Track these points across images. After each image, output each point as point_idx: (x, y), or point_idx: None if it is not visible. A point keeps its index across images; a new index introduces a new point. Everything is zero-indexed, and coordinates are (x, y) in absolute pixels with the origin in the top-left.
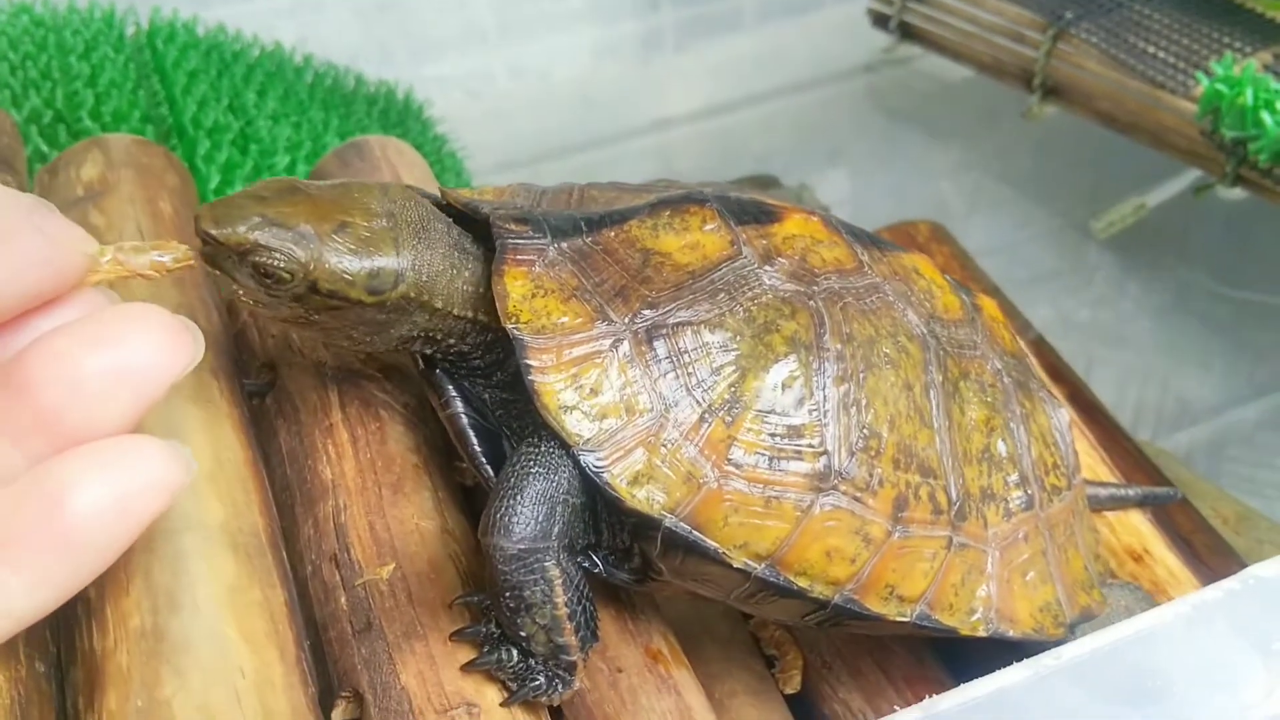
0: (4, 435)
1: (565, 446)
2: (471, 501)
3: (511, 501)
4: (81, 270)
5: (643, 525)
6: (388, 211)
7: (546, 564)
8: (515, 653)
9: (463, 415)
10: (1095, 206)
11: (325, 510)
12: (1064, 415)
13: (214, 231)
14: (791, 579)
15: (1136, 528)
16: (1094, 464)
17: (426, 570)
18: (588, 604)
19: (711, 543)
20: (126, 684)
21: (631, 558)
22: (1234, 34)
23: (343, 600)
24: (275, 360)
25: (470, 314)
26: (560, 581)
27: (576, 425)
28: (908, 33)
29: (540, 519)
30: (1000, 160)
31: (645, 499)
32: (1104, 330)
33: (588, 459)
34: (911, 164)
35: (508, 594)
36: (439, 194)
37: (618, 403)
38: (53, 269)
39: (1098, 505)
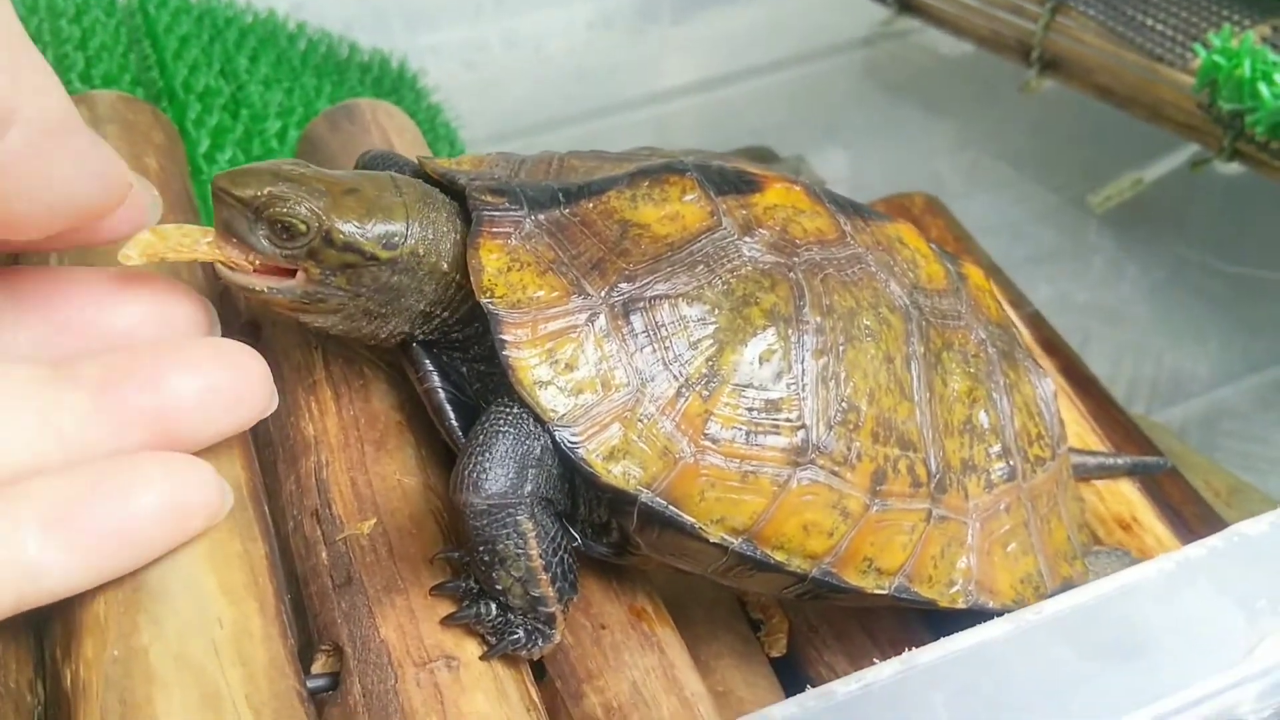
0: (105, 413)
1: (540, 421)
2: (454, 458)
3: (480, 458)
4: (123, 195)
5: (619, 500)
6: (394, 186)
7: (519, 517)
8: (494, 607)
9: (440, 390)
10: (1092, 181)
11: (307, 466)
12: (1049, 385)
13: (232, 189)
14: (769, 553)
15: (1126, 496)
16: (1085, 435)
17: (408, 525)
18: (565, 556)
19: (688, 518)
20: (103, 633)
21: (610, 532)
22: (1232, 6)
23: (324, 555)
24: (259, 319)
25: (459, 277)
26: (534, 535)
27: (551, 401)
28: (906, 6)
29: (510, 475)
30: (998, 134)
31: (621, 474)
32: (1100, 305)
33: (562, 434)
34: (909, 138)
35: (482, 548)
36: (416, 161)
37: (593, 378)
38: (104, 182)
39: (1086, 474)
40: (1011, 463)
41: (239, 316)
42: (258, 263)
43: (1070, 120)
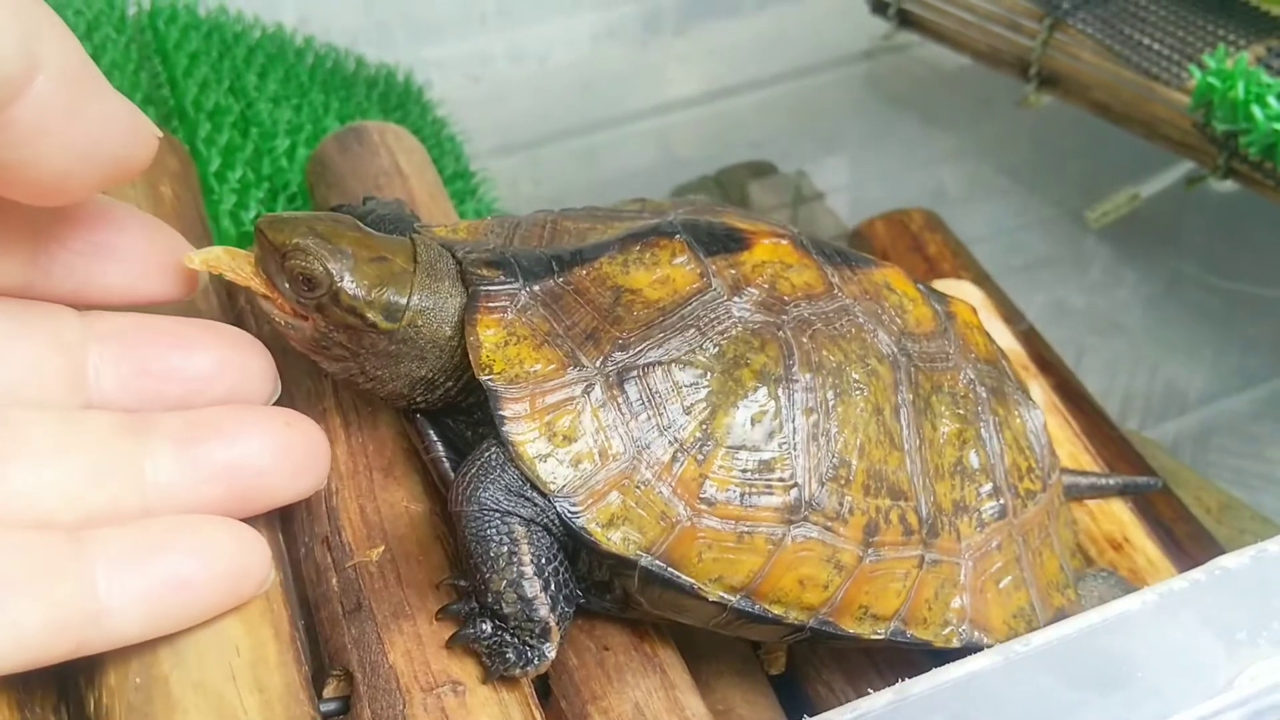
0: (186, 467)
1: (541, 492)
2: None
3: (478, 477)
4: (153, 148)
5: (621, 564)
6: (413, 256)
7: (512, 524)
8: (489, 626)
9: (444, 460)
10: (1089, 196)
11: (318, 494)
12: (1039, 416)
13: (269, 233)
14: (767, 608)
15: (1117, 515)
16: (1077, 453)
17: (415, 552)
18: (561, 571)
19: (687, 579)
20: (126, 661)
21: (612, 589)
22: (1228, 26)
23: (334, 581)
24: (270, 348)
25: (460, 343)
26: (526, 540)
27: (550, 474)
28: (906, 20)
29: (503, 494)
30: (996, 149)
31: (620, 540)
32: (1095, 319)
33: (562, 505)
34: (908, 151)
35: (477, 551)
36: (415, 229)
37: (591, 448)
38: (133, 133)
39: (1078, 494)
40: (1002, 500)
41: None
42: (279, 300)
43: (1067, 135)
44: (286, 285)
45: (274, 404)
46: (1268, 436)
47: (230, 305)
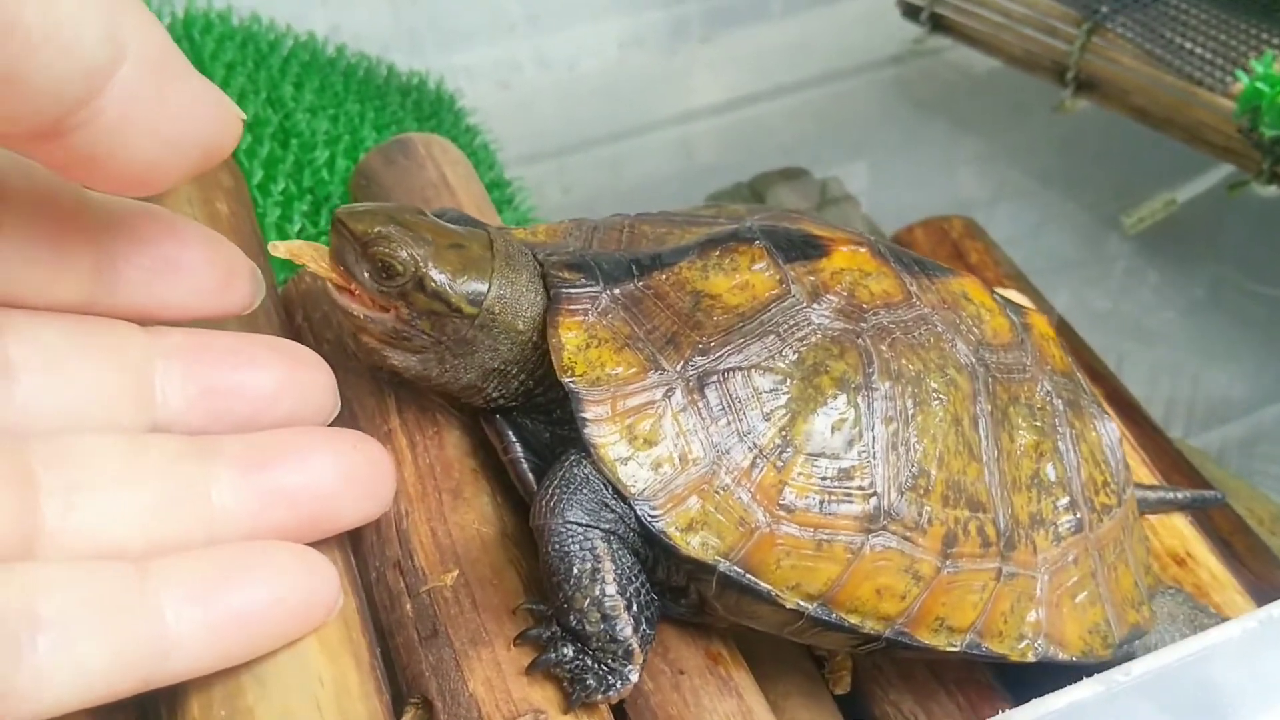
0: (251, 491)
1: (621, 496)
2: (527, 505)
3: (560, 490)
4: (238, 131)
5: (698, 569)
6: (490, 244)
7: (595, 541)
8: (571, 650)
9: (523, 460)
10: (1124, 202)
11: (387, 516)
12: (1114, 429)
13: (348, 222)
14: (843, 616)
15: (1179, 530)
16: (1134, 464)
17: (489, 576)
18: (643, 591)
19: (765, 585)
20: (209, 692)
21: (688, 594)
22: (1272, 30)
23: (408, 607)
24: (332, 366)
25: (535, 338)
26: (609, 558)
27: (631, 476)
28: (938, 25)
29: (587, 507)
30: (1028, 154)
31: (700, 545)
32: (1134, 326)
33: (643, 509)
34: (939, 156)
35: (560, 568)
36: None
37: (671, 452)
38: (219, 117)
39: (1145, 509)
40: (1079, 514)
41: None
42: (358, 291)
43: (1100, 139)
44: (367, 275)
45: (337, 423)
46: None
47: (289, 322)
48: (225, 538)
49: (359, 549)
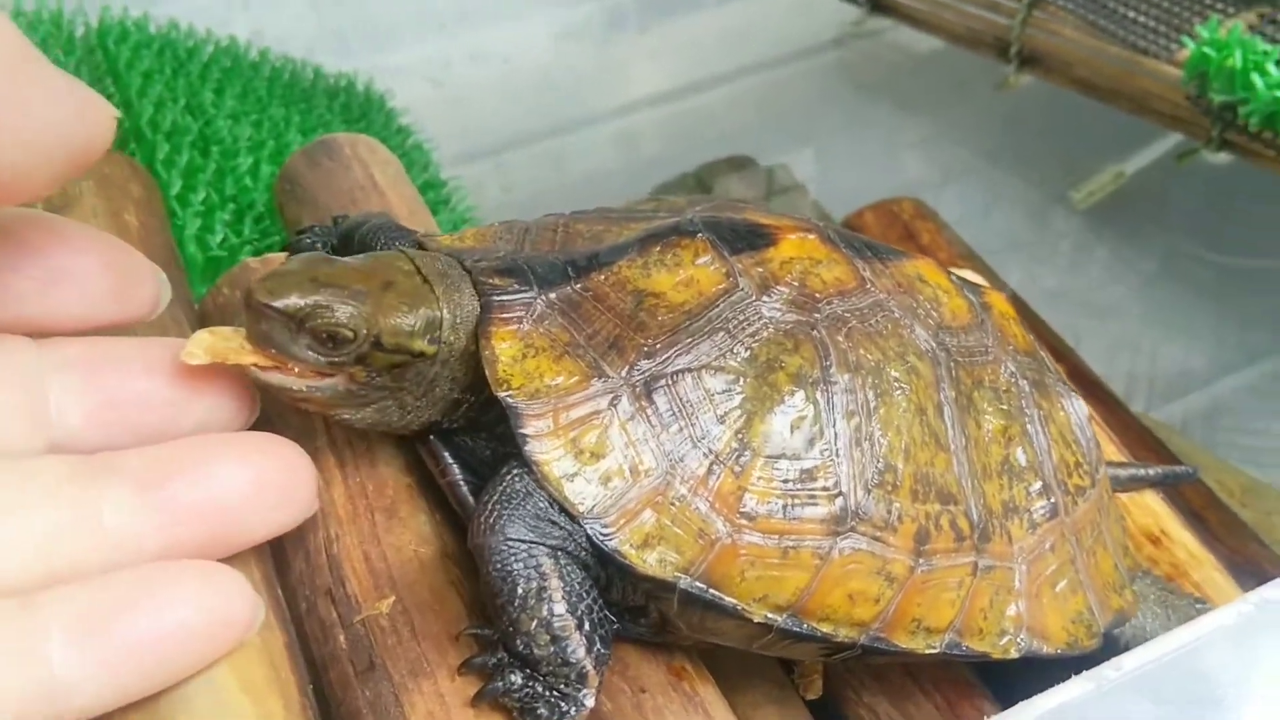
0: (151, 510)
1: (570, 515)
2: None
3: (500, 506)
4: (110, 131)
5: (657, 587)
6: (417, 270)
7: (540, 558)
8: (519, 677)
9: (462, 483)
10: (1072, 177)
11: (316, 542)
12: (1082, 407)
13: (274, 303)
14: (815, 626)
15: (1151, 508)
16: (1103, 443)
17: (429, 600)
18: (595, 607)
19: (730, 599)
20: None
21: (647, 614)
22: None
23: (341, 639)
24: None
25: (474, 349)
26: (556, 575)
27: (579, 494)
28: (877, 6)
29: (529, 524)
30: (974, 133)
31: (657, 562)
32: (1089, 302)
33: (593, 527)
34: (884, 138)
35: (503, 589)
36: (416, 241)
37: (621, 464)
38: (85, 116)
39: (1117, 487)
40: (1053, 499)
41: None
42: (294, 368)
43: (1045, 114)
44: (306, 349)
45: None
46: (1275, 412)
47: (200, 324)
48: (125, 562)
49: (286, 579)
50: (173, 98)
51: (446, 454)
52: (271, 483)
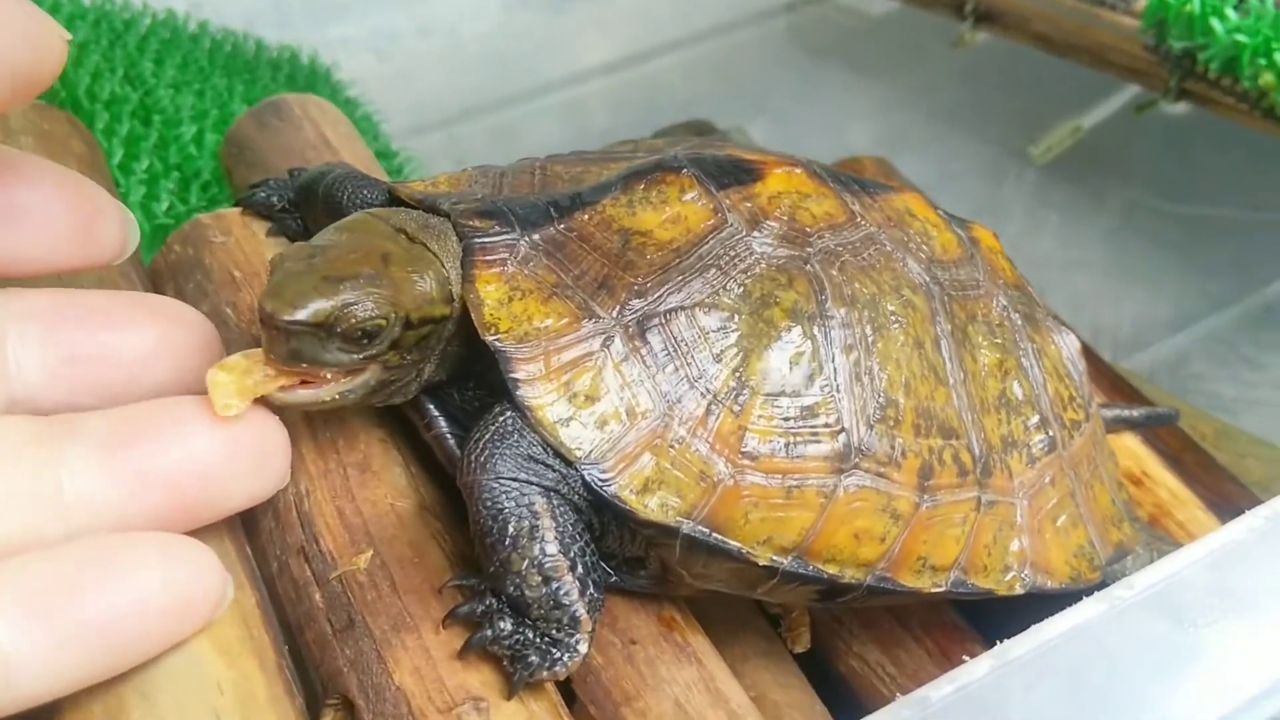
0: (115, 476)
1: (566, 460)
2: (448, 474)
3: (491, 445)
4: (61, 55)
5: (659, 533)
6: (399, 228)
7: (531, 495)
8: (509, 624)
9: (448, 435)
10: (1031, 133)
11: (285, 499)
12: (1073, 341)
13: (299, 316)
14: (821, 567)
15: (1133, 450)
16: None
17: (409, 554)
18: (588, 550)
19: (735, 543)
20: (85, 711)
21: (647, 564)
22: None
23: (317, 597)
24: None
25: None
26: (548, 514)
27: (575, 439)
28: None
29: (522, 459)
30: (931, 93)
31: (658, 507)
32: (1052, 256)
33: (591, 473)
34: (840, 102)
35: (493, 528)
36: (387, 188)
37: (617, 407)
38: (31, 39)
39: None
40: (1051, 432)
41: None
42: (325, 375)
43: (1002, 71)
44: (338, 352)
45: None
46: (1241, 359)
47: (152, 283)
48: (87, 531)
49: (255, 539)
50: (110, 68)
51: (431, 406)
52: (247, 447)
